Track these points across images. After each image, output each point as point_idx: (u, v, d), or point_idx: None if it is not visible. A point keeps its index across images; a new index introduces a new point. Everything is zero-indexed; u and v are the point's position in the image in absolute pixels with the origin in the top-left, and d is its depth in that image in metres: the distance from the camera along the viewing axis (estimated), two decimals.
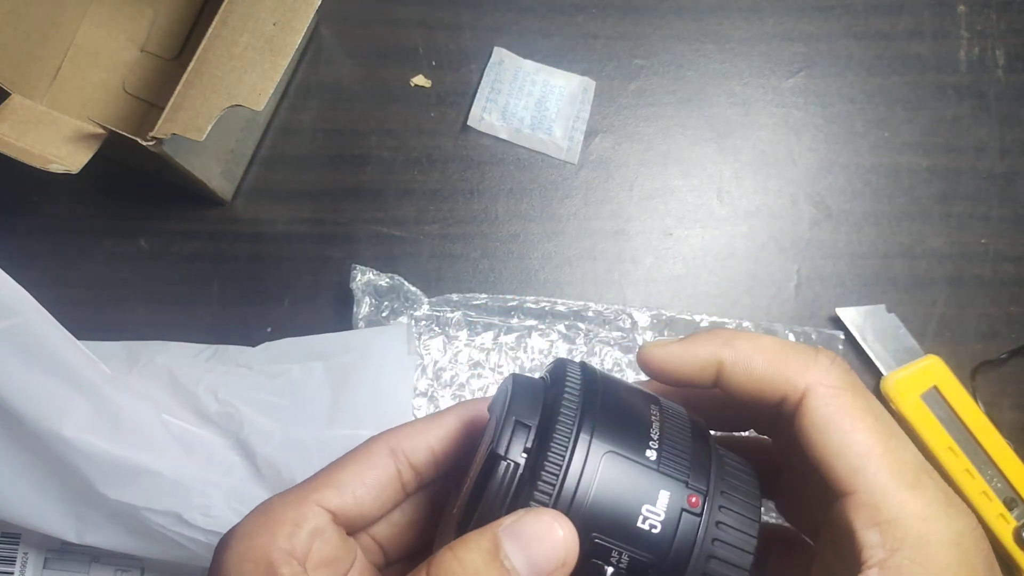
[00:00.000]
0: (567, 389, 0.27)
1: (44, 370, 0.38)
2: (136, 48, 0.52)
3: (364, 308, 0.48)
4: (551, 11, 0.54)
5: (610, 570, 0.25)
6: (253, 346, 0.45)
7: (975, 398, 0.48)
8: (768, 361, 0.26)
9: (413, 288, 0.48)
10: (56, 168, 0.40)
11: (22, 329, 0.38)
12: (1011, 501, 0.47)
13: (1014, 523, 0.46)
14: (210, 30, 0.42)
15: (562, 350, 0.48)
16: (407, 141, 0.51)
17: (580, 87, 0.52)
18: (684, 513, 0.25)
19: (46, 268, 0.49)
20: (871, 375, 0.49)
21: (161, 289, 0.49)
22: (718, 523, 0.25)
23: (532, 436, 0.25)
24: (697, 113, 0.53)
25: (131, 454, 0.40)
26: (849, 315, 0.49)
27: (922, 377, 0.48)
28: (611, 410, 0.26)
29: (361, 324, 0.48)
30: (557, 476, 0.24)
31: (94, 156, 0.41)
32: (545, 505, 0.23)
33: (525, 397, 0.27)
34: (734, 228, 0.51)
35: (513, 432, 0.25)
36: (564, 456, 0.24)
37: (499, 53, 0.52)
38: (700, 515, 0.25)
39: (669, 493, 0.25)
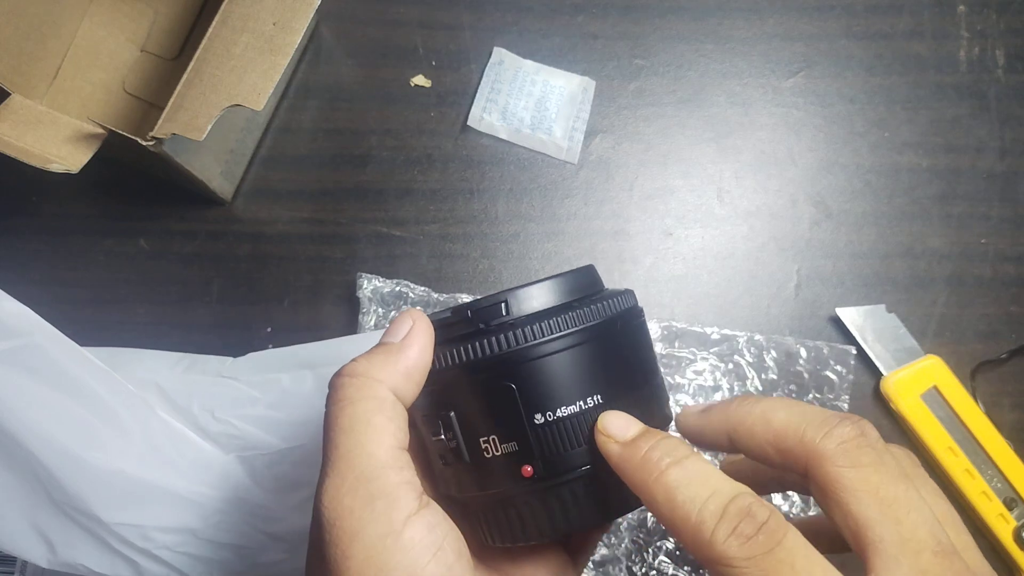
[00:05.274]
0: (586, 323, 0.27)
1: (55, 390, 0.38)
2: (136, 48, 0.52)
3: (371, 318, 0.48)
4: (551, 11, 0.54)
5: (440, 438, 0.28)
6: (252, 346, 0.45)
7: (975, 398, 0.48)
8: (780, 430, 0.27)
9: (421, 288, 0.48)
10: (56, 168, 0.40)
11: (29, 350, 0.37)
12: (1011, 501, 0.47)
13: (1014, 523, 0.46)
14: (210, 30, 0.42)
15: None
16: (407, 141, 0.51)
17: (580, 87, 0.52)
18: (514, 471, 0.27)
19: (46, 268, 0.49)
20: (871, 375, 0.49)
21: (161, 289, 0.49)
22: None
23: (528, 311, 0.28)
24: (697, 113, 0.53)
25: (146, 474, 0.39)
26: (849, 315, 0.49)
27: (922, 377, 0.48)
28: (546, 371, 0.27)
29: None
30: (490, 348, 0.27)
31: (94, 156, 0.41)
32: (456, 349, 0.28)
33: (571, 284, 0.29)
34: (734, 228, 0.51)
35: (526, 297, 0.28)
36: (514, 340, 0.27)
37: (499, 53, 0.52)
38: (524, 483, 0.27)
39: (517, 448, 0.27)
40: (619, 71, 0.53)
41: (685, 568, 0.46)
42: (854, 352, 0.49)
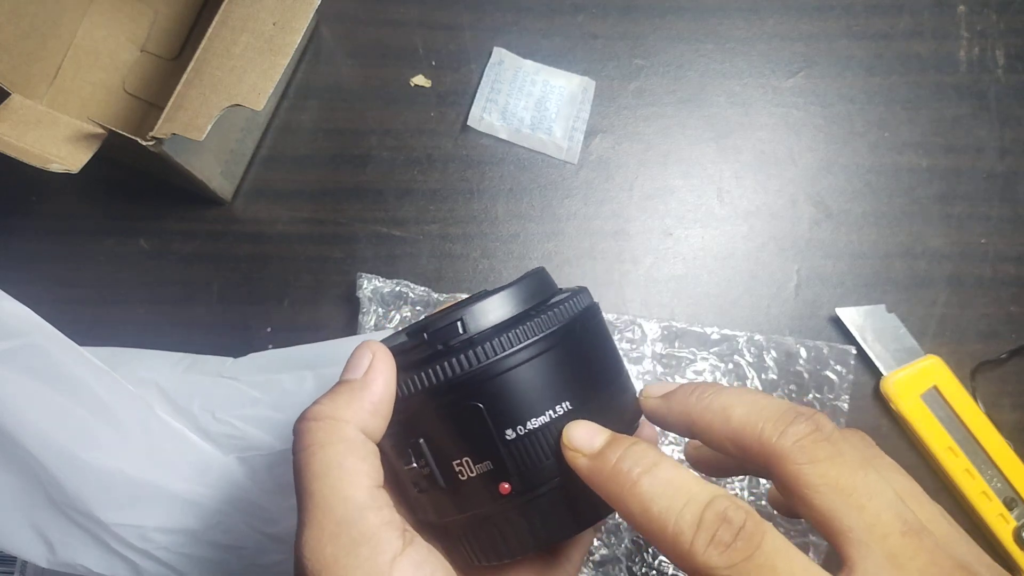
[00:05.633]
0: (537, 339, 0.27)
1: (55, 390, 0.38)
2: (136, 48, 0.52)
3: (371, 318, 0.48)
4: (551, 11, 0.54)
5: (413, 466, 0.28)
6: (252, 346, 0.45)
7: (975, 398, 0.48)
8: (738, 428, 0.27)
9: (421, 288, 0.48)
10: (56, 168, 0.40)
11: (28, 350, 0.37)
12: (1011, 501, 0.47)
13: (1014, 523, 0.46)
14: (210, 30, 0.42)
15: None
16: (407, 141, 0.51)
17: (580, 87, 0.52)
18: (492, 490, 0.27)
19: (46, 268, 0.49)
20: (871, 375, 0.49)
21: (161, 289, 0.49)
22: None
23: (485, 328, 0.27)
24: (697, 113, 0.53)
25: (145, 475, 0.39)
26: (849, 315, 0.49)
27: (922, 377, 0.48)
28: (513, 384, 0.27)
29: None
30: (453, 370, 0.26)
31: (94, 156, 0.41)
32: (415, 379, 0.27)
33: (525, 291, 0.29)
34: (734, 228, 0.51)
35: (480, 312, 0.27)
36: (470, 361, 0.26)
37: (499, 53, 0.52)
38: (502, 500, 0.27)
39: (492, 467, 0.27)
40: (619, 71, 0.53)
41: None
42: (854, 352, 0.49)
